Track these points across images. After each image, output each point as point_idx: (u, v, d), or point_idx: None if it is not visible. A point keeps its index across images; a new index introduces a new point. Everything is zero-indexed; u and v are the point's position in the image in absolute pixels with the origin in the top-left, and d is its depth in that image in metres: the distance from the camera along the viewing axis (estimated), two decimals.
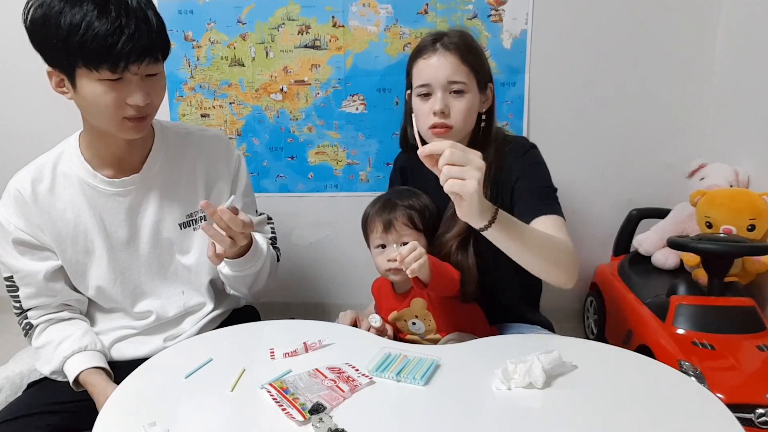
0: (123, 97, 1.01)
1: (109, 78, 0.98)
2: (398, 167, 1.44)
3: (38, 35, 0.99)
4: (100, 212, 1.15)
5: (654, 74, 1.95)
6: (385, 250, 1.20)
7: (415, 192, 1.26)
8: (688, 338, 1.36)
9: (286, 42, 2.00)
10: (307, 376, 0.91)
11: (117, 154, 1.13)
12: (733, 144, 1.84)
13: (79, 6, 0.95)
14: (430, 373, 0.91)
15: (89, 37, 0.94)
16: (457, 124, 1.16)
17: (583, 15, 1.92)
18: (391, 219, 1.19)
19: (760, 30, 1.71)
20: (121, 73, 0.98)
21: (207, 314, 1.26)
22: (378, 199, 1.26)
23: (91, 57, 0.96)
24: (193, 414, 0.85)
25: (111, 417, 0.84)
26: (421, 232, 1.20)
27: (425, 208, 1.23)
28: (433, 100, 1.15)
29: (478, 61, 1.18)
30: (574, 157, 2.01)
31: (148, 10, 1.00)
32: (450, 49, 1.15)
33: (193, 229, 1.21)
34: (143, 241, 1.18)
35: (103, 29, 0.94)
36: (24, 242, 1.13)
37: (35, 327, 1.16)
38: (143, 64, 0.99)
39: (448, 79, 1.14)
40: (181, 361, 1.01)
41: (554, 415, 0.81)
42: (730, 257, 1.46)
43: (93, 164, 1.13)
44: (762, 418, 1.17)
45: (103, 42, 0.94)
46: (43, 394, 1.14)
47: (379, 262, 1.22)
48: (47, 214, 1.12)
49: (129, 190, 1.15)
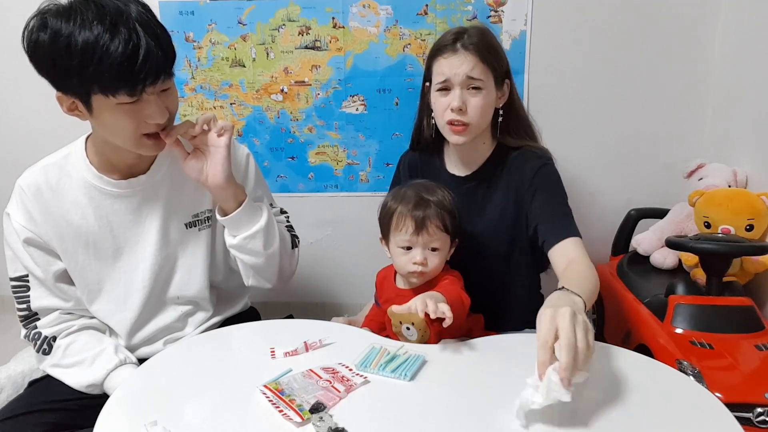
0: (142, 117, 1.00)
1: (126, 102, 0.96)
2: (406, 164, 1.44)
3: (45, 61, 0.95)
4: (106, 214, 1.14)
5: (653, 75, 1.95)
6: (411, 251, 1.18)
7: (440, 186, 1.23)
8: (687, 338, 1.36)
9: (286, 43, 2.01)
10: (301, 377, 0.91)
11: (128, 162, 1.13)
12: (732, 144, 1.84)
13: (89, 29, 0.90)
14: (416, 370, 0.92)
15: (105, 65, 0.91)
16: (473, 120, 1.21)
17: (581, 16, 1.92)
18: (425, 220, 1.16)
19: (759, 30, 1.71)
20: (139, 95, 0.97)
21: (207, 319, 1.26)
22: (402, 194, 1.22)
23: (109, 84, 0.93)
24: (193, 413, 0.85)
25: (112, 415, 0.85)
26: (449, 234, 1.19)
27: (453, 206, 1.20)
28: (452, 95, 1.20)
29: (496, 59, 1.22)
30: (573, 157, 2.01)
31: (155, 25, 0.97)
32: (469, 50, 1.19)
33: (198, 230, 1.21)
34: (150, 242, 1.17)
35: (118, 55, 0.91)
36: (32, 241, 1.12)
37: (51, 338, 1.15)
38: (159, 83, 0.99)
39: (468, 75, 1.18)
40: (182, 360, 1.01)
41: (553, 415, 0.82)
42: (728, 257, 1.47)
43: (101, 170, 1.13)
44: (761, 418, 1.17)
45: (120, 67, 0.91)
46: (45, 392, 1.14)
47: (402, 263, 1.20)
48: (50, 214, 1.12)
49: (136, 191, 1.14)
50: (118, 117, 0.98)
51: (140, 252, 1.17)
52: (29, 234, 1.12)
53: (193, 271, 1.22)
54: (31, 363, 1.36)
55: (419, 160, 1.41)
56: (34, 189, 1.12)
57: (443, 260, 1.20)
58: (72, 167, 1.14)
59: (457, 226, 1.21)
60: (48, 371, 1.17)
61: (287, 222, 1.32)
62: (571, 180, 2.04)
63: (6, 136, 2.19)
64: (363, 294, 1.51)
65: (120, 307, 1.19)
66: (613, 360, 0.98)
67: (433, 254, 1.18)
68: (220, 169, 1.09)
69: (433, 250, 1.18)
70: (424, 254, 1.17)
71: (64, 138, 1.20)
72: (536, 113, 1.34)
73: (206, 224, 1.21)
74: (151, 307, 1.21)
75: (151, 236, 1.17)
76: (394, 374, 0.90)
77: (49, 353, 1.15)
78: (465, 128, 1.21)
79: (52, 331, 1.15)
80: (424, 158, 1.41)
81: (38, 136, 2.02)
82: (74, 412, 1.10)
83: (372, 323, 1.32)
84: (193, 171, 1.11)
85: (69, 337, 1.16)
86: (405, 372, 0.90)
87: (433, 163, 1.39)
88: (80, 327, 1.17)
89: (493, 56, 1.21)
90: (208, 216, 1.21)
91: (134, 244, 1.17)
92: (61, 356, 1.14)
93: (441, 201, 1.19)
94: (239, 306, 1.35)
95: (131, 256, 1.17)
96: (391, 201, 1.22)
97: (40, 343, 1.15)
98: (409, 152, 1.44)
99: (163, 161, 1.16)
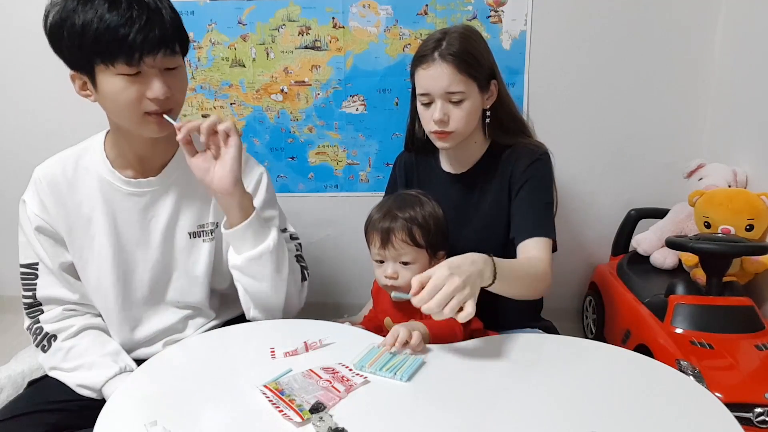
0: (142, 90, 1.01)
1: (126, 72, 0.99)
2: (402, 165, 1.44)
3: (57, 39, 1.00)
4: (113, 210, 1.15)
5: (652, 75, 1.95)
6: (383, 265, 1.18)
7: (420, 199, 1.21)
8: (687, 338, 1.36)
9: (286, 43, 2.01)
10: (301, 377, 0.91)
11: (140, 153, 1.13)
12: (732, 144, 1.84)
13: (91, 3, 0.96)
14: (414, 371, 0.92)
15: (101, 30, 0.95)
16: (457, 129, 1.20)
17: (581, 16, 1.92)
18: (389, 234, 1.15)
19: (758, 30, 1.71)
20: (138, 65, 0.98)
21: (208, 322, 1.25)
22: (382, 204, 1.22)
23: (106, 51, 0.97)
24: (193, 414, 0.85)
25: (112, 416, 0.85)
26: (422, 248, 1.16)
27: (428, 220, 1.17)
28: (433, 108, 1.19)
29: (476, 67, 1.19)
30: (573, 157, 2.01)
31: (161, 3, 1.01)
32: (447, 60, 1.16)
33: (202, 240, 1.20)
34: (153, 245, 1.17)
35: (113, 21, 0.95)
36: (43, 230, 1.13)
37: (51, 336, 1.15)
38: (159, 56, 0.99)
39: (446, 90, 1.17)
40: (182, 361, 1.01)
41: (552, 414, 0.82)
42: (728, 257, 1.47)
43: (115, 164, 1.14)
44: (760, 417, 1.17)
45: (115, 34, 0.95)
46: (44, 393, 1.14)
47: (377, 275, 1.20)
48: (63, 205, 1.13)
49: (145, 191, 1.15)
50: (118, 88, 1.00)
51: (141, 253, 1.17)
52: (41, 222, 1.13)
53: (194, 282, 1.21)
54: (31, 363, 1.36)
55: (414, 160, 1.41)
56: (50, 179, 1.13)
57: (418, 273, 1.17)
58: (89, 160, 1.15)
59: (434, 239, 1.17)
60: (48, 373, 1.17)
61: (297, 251, 1.27)
62: (571, 180, 2.05)
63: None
64: (363, 294, 1.51)
65: (119, 306, 1.18)
66: (613, 360, 0.98)
67: (404, 268, 1.16)
68: (228, 171, 1.06)
69: (405, 264, 1.16)
70: (395, 268, 1.16)
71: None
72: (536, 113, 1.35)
73: (210, 237, 1.20)
74: (150, 309, 1.20)
75: (154, 239, 1.17)
76: (391, 374, 0.90)
77: (47, 350, 1.15)
78: (449, 135, 1.21)
79: (53, 329, 1.15)
80: (420, 158, 1.41)
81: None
82: (74, 412, 1.09)
83: (371, 323, 1.32)
84: (199, 170, 1.09)
85: (70, 341, 1.15)
86: (403, 373, 0.90)
87: (429, 163, 1.39)
88: (81, 328, 1.17)
89: (472, 65, 1.17)
90: (212, 229, 1.20)
91: (135, 245, 1.17)
92: (62, 359, 1.14)
93: (413, 216, 1.16)
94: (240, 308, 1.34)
95: (132, 256, 1.17)
96: (373, 212, 1.22)
97: (40, 339, 1.16)
98: (404, 153, 1.45)
99: (176, 167, 1.17)
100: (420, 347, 0.98)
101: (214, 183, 1.08)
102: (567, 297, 2.15)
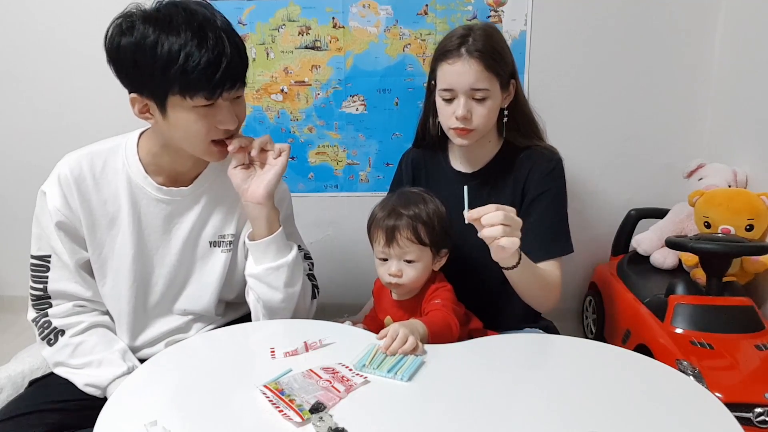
0: (214, 122, 1.03)
1: (202, 104, 1.00)
2: (408, 162, 1.42)
3: (126, 63, 0.99)
4: (139, 213, 1.15)
5: (653, 75, 1.95)
6: (387, 263, 1.18)
7: (423, 197, 1.21)
8: (687, 338, 1.36)
9: (286, 43, 2.01)
10: (301, 377, 0.91)
11: (178, 168, 1.15)
12: (732, 144, 1.85)
13: (176, 35, 0.95)
14: (414, 370, 0.92)
15: (190, 67, 0.95)
16: (478, 126, 1.20)
17: (581, 16, 1.92)
18: (394, 232, 1.15)
19: (758, 30, 1.72)
20: (215, 99, 1.00)
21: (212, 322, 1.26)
22: (386, 202, 1.22)
23: (190, 86, 0.97)
24: (193, 413, 0.85)
25: (112, 415, 0.85)
26: (426, 246, 1.16)
27: (433, 218, 1.17)
28: (456, 104, 1.18)
29: (502, 65, 1.19)
30: (573, 158, 2.00)
31: (236, 35, 1.02)
32: (474, 56, 1.15)
33: (220, 251, 1.20)
34: (173, 251, 1.17)
35: (204, 60, 0.95)
36: (63, 226, 1.12)
37: (60, 331, 1.15)
38: (234, 90, 1.02)
39: (472, 86, 1.16)
40: (182, 360, 1.01)
41: (552, 414, 0.82)
42: (728, 257, 1.47)
43: (149, 169, 1.14)
44: (760, 417, 1.17)
45: (204, 72, 0.96)
46: (45, 393, 1.14)
47: (380, 273, 1.20)
48: (87, 202, 1.13)
49: (174, 200, 1.16)
50: (191, 119, 1.01)
51: (159, 259, 1.18)
52: (62, 218, 1.12)
53: (205, 289, 1.21)
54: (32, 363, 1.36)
55: (423, 157, 1.40)
56: (76, 174, 1.12)
57: (422, 272, 1.18)
58: (120, 160, 1.14)
59: (438, 237, 1.17)
60: (53, 369, 1.17)
61: (310, 269, 1.28)
62: (571, 180, 2.03)
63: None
64: (363, 294, 1.51)
65: (129, 308, 1.19)
66: (613, 360, 0.98)
67: (409, 266, 1.16)
68: (264, 185, 1.10)
69: (409, 262, 1.16)
70: (399, 266, 1.16)
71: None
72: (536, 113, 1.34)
73: (228, 248, 1.21)
74: (158, 316, 1.21)
75: (174, 245, 1.17)
76: (391, 375, 0.90)
77: (53, 344, 1.15)
78: (470, 132, 1.20)
79: (62, 324, 1.15)
80: (428, 155, 1.39)
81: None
82: (74, 412, 1.09)
83: (372, 323, 1.32)
84: (236, 177, 1.11)
85: (78, 337, 1.15)
86: (403, 374, 0.90)
87: (438, 160, 1.38)
88: (90, 325, 1.17)
89: (498, 62, 1.17)
90: (231, 240, 1.21)
91: (155, 249, 1.17)
92: (70, 355, 1.14)
93: (417, 214, 1.16)
94: (243, 311, 1.35)
95: (150, 260, 1.18)
96: (376, 209, 1.22)
97: (47, 332, 1.15)
98: (412, 150, 1.43)
99: (206, 179, 1.18)
100: (416, 350, 0.97)
101: (249, 191, 1.11)
102: (567, 297, 2.15)
